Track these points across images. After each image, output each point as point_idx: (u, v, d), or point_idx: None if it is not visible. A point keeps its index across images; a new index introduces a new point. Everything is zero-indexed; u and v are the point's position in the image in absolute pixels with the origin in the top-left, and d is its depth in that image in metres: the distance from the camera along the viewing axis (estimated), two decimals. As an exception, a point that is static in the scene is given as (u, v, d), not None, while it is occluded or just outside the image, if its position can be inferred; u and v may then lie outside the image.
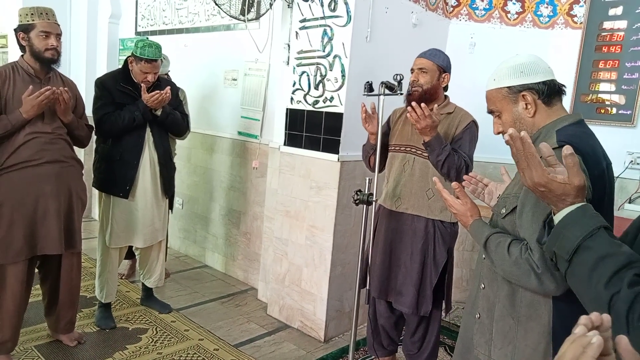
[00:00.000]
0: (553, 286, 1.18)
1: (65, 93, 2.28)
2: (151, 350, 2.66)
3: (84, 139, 2.56)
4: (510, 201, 1.30)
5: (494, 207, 1.43)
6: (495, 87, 1.36)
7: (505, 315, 1.31)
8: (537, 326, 1.26)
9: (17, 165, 2.25)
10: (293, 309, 3.10)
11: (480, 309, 1.39)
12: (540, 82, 1.30)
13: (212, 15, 4.01)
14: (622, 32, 2.93)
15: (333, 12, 2.74)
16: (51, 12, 2.33)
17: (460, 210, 1.44)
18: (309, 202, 2.96)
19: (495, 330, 1.34)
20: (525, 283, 1.22)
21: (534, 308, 1.26)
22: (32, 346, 2.58)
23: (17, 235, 2.26)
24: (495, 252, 1.28)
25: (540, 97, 1.31)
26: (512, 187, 1.35)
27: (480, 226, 1.38)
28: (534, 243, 1.18)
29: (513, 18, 3.35)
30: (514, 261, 1.22)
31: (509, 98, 1.34)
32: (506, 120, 1.36)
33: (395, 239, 2.39)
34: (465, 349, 1.46)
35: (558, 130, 1.25)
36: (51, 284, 2.54)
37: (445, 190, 1.48)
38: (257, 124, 3.64)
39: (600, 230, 0.96)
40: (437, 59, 2.27)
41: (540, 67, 1.32)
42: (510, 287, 1.30)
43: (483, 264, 1.39)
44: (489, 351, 1.35)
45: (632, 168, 2.86)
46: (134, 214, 2.84)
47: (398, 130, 2.42)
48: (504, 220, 1.32)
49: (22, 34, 2.29)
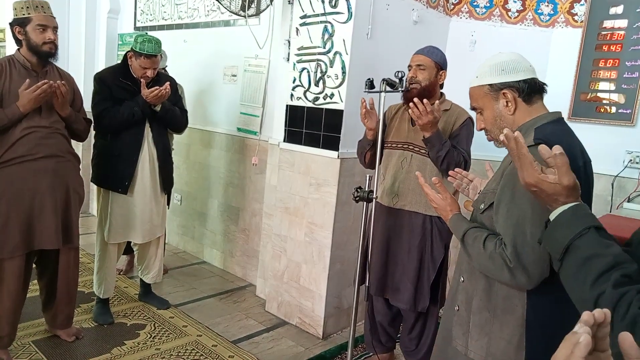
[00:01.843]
0: (525, 280, 1.22)
1: (63, 86, 2.26)
2: (149, 346, 2.66)
3: (82, 133, 2.55)
4: (489, 197, 1.33)
5: (474, 203, 1.47)
6: (478, 84, 1.39)
7: (482, 308, 1.35)
8: (512, 319, 1.29)
9: (14, 160, 2.23)
10: (291, 305, 3.10)
11: (459, 302, 1.42)
12: (520, 81, 1.33)
13: (211, 11, 4.00)
14: (622, 31, 2.93)
15: (334, 9, 2.73)
16: (47, 4, 2.30)
17: (440, 204, 1.49)
18: (309, 199, 2.96)
19: (472, 322, 1.37)
20: (499, 277, 1.27)
21: (509, 301, 1.30)
22: (30, 341, 2.57)
23: (13, 230, 2.24)
24: (472, 246, 1.32)
25: (520, 95, 1.33)
26: (491, 183, 1.38)
27: (459, 221, 1.42)
28: (508, 238, 1.22)
29: (514, 16, 3.35)
30: (488, 255, 1.26)
31: (490, 95, 1.36)
32: (487, 117, 1.39)
33: (392, 235, 2.39)
34: (444, 340, 1.50)
35: (537, 128, 1.28)
36: (49, 279, 2.53)
37: (427, 185, 1.52)
38: (257, 120, 3.63)
39: (590, 230, 0.96)
40: (435, 56, 2.28)
41: (521, 65, 1.34)
42: (487, 281, 1.34)
43: (463, 258, 1.43)
44: (466, 343, 1.38)
45: (631, 167, 2.86)
46: (133, 209, 2.83)
47: (394, 127, 2.42)
48: (483, 216, 1.35)
49: (18, 27, 2.26)
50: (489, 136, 1.42)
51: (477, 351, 1.36)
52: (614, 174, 2.86)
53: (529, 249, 1.19)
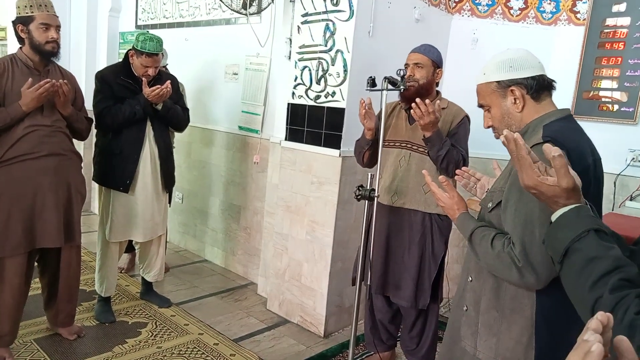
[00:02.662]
0: (533, 279, 1.20)
1: (65, 85, 2.26)
2: (151, 345, 2.66)
3: (84, 132, 2.55)
4: (497, 195, 1.32)
5: (482, 201, 1.45)
6: (485, 81, 1.37)
7: (490, 308, 1.34)
8: (520, 319, 1.28)
9: (16, 158, 2.24)
10: (293, 304, 3.10)
11: (468, 302, 1.41)
12: (529, 77, 1.30)
13: (213, 9, 3.99)
14: (625, 29, 2.92)
15: (335, 7, 2.72)
16: (50, 3, 2.30)
17: (447, 203, 1.46)
18: (310, 198, 2.96)
19: (481, 322, 1.36)
20: (507, 276, 1.25)
21: (518, 301, 1.29)
22: (32, 339, 2.58)
23: (15, 229, 2.25)
24: (480, 245, 1.30)
25: (528, 92, 1.31)
26: (499, 182, 1.37)
27: (466, 219, 1.40)
28: (516, 237, 1.21)
29: (516, 14, 3.34)
30: (496, 254, 1.24)
31: (497, 92, 1.34)
32: (495, 114, 1.37)
33: (391, 234, 2.39)
34: (452, 340, 1.48)
35: (545, 125, 1.26)
36: (50, 277, 2.53)
37: (434, 184, 1.49)
38: (258, 118, 3.63)
39: (589, 233, 0.94)
40: (432, 54, 2.28)
41: (529, 62, 1.32)
42: (495, 281, 1.33)
43: (471, 257, 1.41)
44: (475, 343, 1.37)
45: (634, 165, 2.85)
46: (134, 208, 2.83)
47: (392, 126, 2.41)
48: (491, 214, 1.34)
49: (21, 26, 2.26)
50: (496, 134, 1.40)
51: (485, 351, 1.34)
52: (617, 172, 2.85)
53: (538, 248, 1.17)
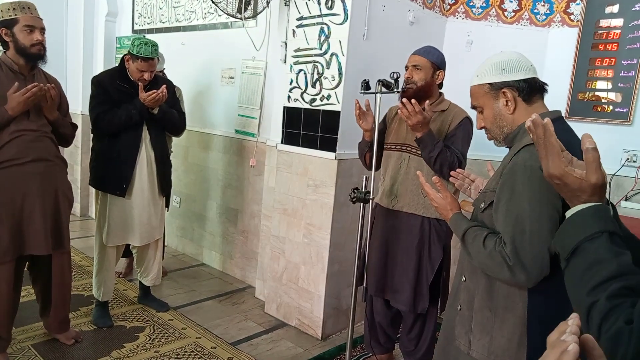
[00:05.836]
0: (524, 278, 1.22)
1: (53, 89, 2.24)
2: (149, 349, 2.66)
3: (69, 137, 2.53)
4: (489, 196, 1.34)
5: (475, 202, 1.47)
6: (478, 83, 1.40)
7: (484, 307, 1.35)
8: (513, 317, 1.30)
9: (2, 164, 2.20)
10: (290, 306, 3.10)
11: (462, 301, 1.43)
12: (520, 80, 1.33)
13: (209, 13, 4.00)
14: (618, 30, 2.94)
15: (330, 10, 2.74)
16: (33, 6, 2.28)
17: (440, 204, 1.50)
18: (306, 200, 2.96)
19: (475, 321, 1.38)
20: (499, 275, 1.27)
21: (510, 299, 1.30)
22: (29, 345, 2.57)
23: (3, 235, 2.22)
24: (472, 245, 1.33)
25: (520, 95, 1.33)
26: (491, 182, 1.39)
27: (459, 219, 1.43)
28: (507, 236, 1.23)
29: (510, 16, 3.35)
30: (488, 253, 1.27)
31: (490, 94, 1.37)
32: (487, 115, 1.39)
33: (391, 237, 2.39)
34: (446, 340, 1.50)
35: None
36: (42, 284, 2.52)
37: (427, 185, 1.53)
38: (254, 122, 3.64)
39: (603, 234, 0.90)
40: (431, 56, 2.28)
41: (522, 65, 1.35)
42: (488, 280, 1.35)
43: (465, 257, 1.43)
44: (469, 342, 1.39)
45: (628, 166, 2.86)
46: (131, 212, 2.83)
47: (394, 129, 2.42)
48: (483, 214, 1.36)
49: (4, 29, 2.23)
50: (489, 135, 1.43)
51: (479, 350, 1.36)
52: (611, 172, 2.86)
53: (528, 247, 1.20)
